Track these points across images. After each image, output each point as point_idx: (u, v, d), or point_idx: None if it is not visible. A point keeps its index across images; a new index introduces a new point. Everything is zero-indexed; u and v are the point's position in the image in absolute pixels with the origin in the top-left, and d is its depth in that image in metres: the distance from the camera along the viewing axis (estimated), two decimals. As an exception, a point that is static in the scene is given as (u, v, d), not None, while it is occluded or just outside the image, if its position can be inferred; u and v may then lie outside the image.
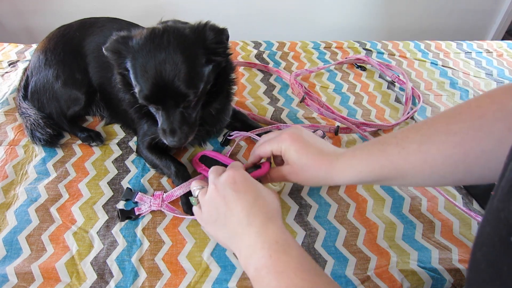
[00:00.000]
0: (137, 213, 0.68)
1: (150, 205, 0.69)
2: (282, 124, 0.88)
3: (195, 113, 0.66)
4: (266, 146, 0.58)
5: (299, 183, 0.58)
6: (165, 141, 0.65)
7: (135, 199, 0.70)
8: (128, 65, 0.61)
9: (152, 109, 0.65)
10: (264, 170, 0.59)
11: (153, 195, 0.71)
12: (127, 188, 0.73)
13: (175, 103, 0.61)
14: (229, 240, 0.50)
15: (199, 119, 0.69)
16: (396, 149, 0.49)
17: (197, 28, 0.62)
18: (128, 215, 0.68)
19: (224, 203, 0.50)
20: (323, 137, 0.79)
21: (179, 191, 0.69)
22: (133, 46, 0.60)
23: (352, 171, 0.52)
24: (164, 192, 0.71)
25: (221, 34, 0.62)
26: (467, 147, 0.44)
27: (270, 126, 0.86)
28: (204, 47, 0.62)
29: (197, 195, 0.56)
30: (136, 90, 0.61)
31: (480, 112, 0.44)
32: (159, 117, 0.64)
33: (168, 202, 0.70)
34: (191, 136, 0.65)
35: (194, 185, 0.58)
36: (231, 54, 0.70)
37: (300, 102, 0.97)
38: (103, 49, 0.63)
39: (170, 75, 0.58)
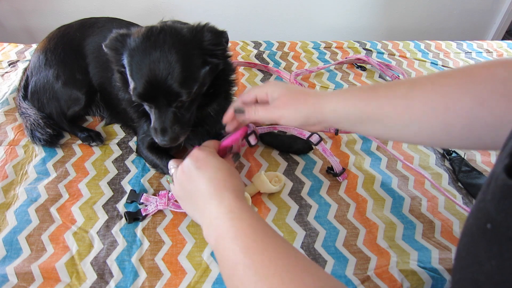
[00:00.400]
0: (144, 214, 0.68)
1: (157, 205, 0.69)
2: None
3: (189, 114, 0.65)
4: (250, 92, 0.61)
5: (284, 117, 0.57)
6: (156, 140, 0.64)
7: (141, 200, 0.70)
8: (125, 62, 0.61)
9: (146, 107, 0.65)
10: (239, 133, 0.61)
11: (158, 195, 0.71)
12: (131, 190, 0.73)
13: (167, 102, 0.61)
14: (196, 214, 0.53)
15: (199, 119, 0.68)
16: (385, 90, 0.51)
17: (195, 29, 0.62)
18: (135, 216, 0.68)
19: (188, 179, 0.54)
20: (319, 141, 0.78)
21: None
22: (130, 43, 0.60)
23: (339, 100, 0.53)
24: (169, 191, 0.71)
25: (220, 37, 0.62)
26: (449, 101, 0.45)
27: (270, 126, 0.85)
28: (201, 48, 0.61)
29: (172, 174, 0.59)
30: (130, 87, 0.61)
31: (470, 73, 0.45)
32: (152, 116, 0.64)
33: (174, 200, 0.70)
34: (182, 137, 0.65)
35: (170, 164, 0.61)
36: (230, 56, 0.69)
37: None
38: (103, 46, 0.64)
39: (163, 74, 0.58)
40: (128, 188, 0.74)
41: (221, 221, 0.46)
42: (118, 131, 0.88)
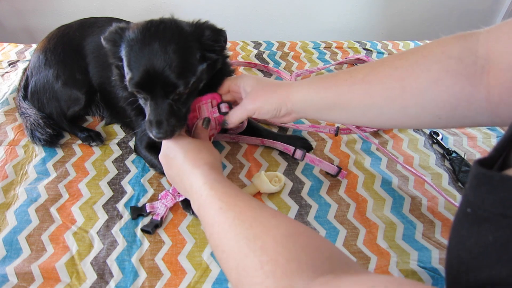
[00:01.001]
0: (159, 219, 0.67)
1: (165, 205, 0.69)
2: (287, 125, 0.88)
3: (185, 109, 0.65)
4: (224, 83, 0.65)
5: (258, 110, 0.61)
6: (150, 134, 0.63)
7: (148, 210, 0.69)
8: (122, 53, 0.61)
9: (141, 100, 0.65)
10: (206, 96, 0.65)
11: (159, 198, 0.71)
12: (131, 207, 0.70)
13: (164, 93, 0.60)
14: (185, 193, 0.58)
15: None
16: (345, 76, 0.53)
17: (195, 24, 0.62)
18: (140, 212, 0.69)
19: (168, 167, 0.60)
20: (303, 156, 0.78)
21: None
22: (129, 35, 0.60)
23: (305, 90, 0.57)
24: (167, 189, 0.71)
25: (218, 34, 0.63)
26: (405, 82, 0.47)
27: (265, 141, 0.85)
28: (200, 42, 0.61)
29: None
30: (127, 78, 0.60)
31: (425, 52, 0.47)
32: (147, 108, 0.63)
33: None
34: (178, 131, 0.63)
35: None
36: (228, 56, 0.69)
37: None
38: (102, 38, 0.64)
39: (161, 64, 0.57)
40: (128, 188, 0.74)
41: (199, 193, 0.51)
42: (118, 131, 0.88)
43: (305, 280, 0.32)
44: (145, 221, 0.68)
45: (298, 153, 0.79)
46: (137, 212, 0.69)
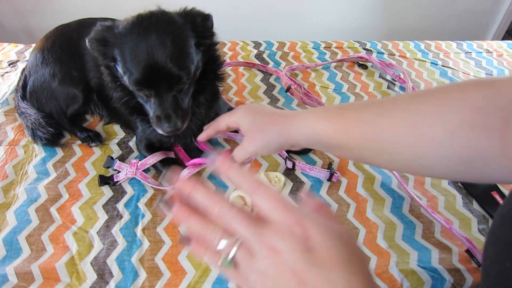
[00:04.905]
0: (115, 180, 0.72)
1: (126, 172, 0.73)
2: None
3: (187, 100, 0.64)
4: (220, 120, 0.60)
5: (260, 151, 0.55)
6: (159, 130, 0.61)
7: (115, 167, 0.75)
8: (116, 52, 0.59)
9: (143, 98, 0.62)
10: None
11: (130, 163, 0.75)
12: (108, 156, 0.77)
13: (168, 86, 0.59)
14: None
15: (192, 109, 0.67)
16: (353, 114, 0.48)
17: (185, 12, 0.61)
18: (107, 181, 0.73)
19: (297, 282, 0.29)
20: (293, 165, 0.78)
21: (152, 159, 0.74)
22: (120, 31, 0.58)
23: (308, 127, 0.51)
24: (139, 159, 0.75)
25: (207, 20, 0.62)
26: (420, 130, 0.43)
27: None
28: (193, 30, 0.61)
29: (233, 256, 0.31)
30: (126, 77, 0.58)
31: (442, 98, 0.42)
32: (151, 105, 0.61)
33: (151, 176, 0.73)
34: (186, 122, 0.62)
35: (222, 241, 0.32)
36: (217, 43, 0.68)
37: (286, 91, 1.00)
38: (86, 41, 0.60)
39: (163, 57, 0.56)
40: (128, 188, 0.74)
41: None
42: (118, 131, 0.88)
43: None
44: (114, 185, 0.70)
45: (288, 163, 0.78)
46: (104, 180, 0.74)
